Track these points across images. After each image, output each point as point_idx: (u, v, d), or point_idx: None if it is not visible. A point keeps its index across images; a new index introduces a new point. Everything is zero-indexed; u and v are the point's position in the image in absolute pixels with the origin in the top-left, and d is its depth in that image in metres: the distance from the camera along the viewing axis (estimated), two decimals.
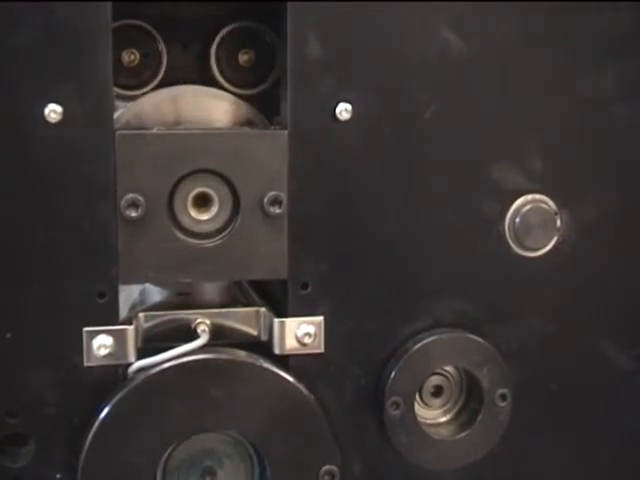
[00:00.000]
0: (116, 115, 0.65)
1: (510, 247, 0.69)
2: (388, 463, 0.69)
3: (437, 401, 0.71)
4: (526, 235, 0.68)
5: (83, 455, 0.63)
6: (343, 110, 0.64)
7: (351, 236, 0.66)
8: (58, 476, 0.64)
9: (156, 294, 0.71)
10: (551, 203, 0.69)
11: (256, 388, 0.64)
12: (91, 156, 0.61)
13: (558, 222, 0.69)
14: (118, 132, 0.61)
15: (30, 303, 0.62)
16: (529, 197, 0.68)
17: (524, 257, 0.69)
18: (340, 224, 0.66)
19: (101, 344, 0.63)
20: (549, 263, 0.69)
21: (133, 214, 0.61)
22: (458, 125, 0.66)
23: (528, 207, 0.68)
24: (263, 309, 0.67)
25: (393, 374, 0.67)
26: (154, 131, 0.64)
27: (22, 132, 0.60)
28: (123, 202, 0.61)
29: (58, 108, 0.60)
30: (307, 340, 0.66)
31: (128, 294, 0.71)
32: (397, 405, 0.67)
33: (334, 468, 0.65)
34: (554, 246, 0.69)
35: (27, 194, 0.61)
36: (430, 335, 0.68)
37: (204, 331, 0.65)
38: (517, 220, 0.68)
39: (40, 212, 0.61)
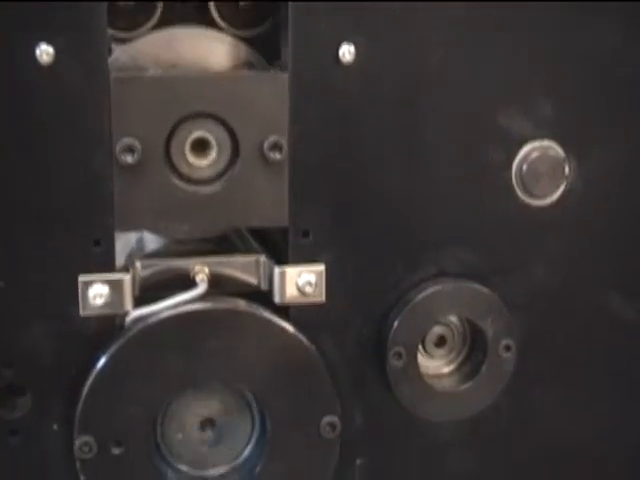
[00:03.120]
0: (111, 58, 0.63)
1: (517, 195, 0.68)
2: (390, 414, 0.69)
3: (440, 352, 0.70)
4: (534, 183, 0.67)
5: (80, 406, 0.62)
6: (346, 52, 0.62)
7: (353, 183, 0.65)
8: (55, 427, 0.64)
9: (153, 242, 0.70)
10: (559, 150, 0.67)
11: (256, 339, 0.64)
12: (85, 100, 0.60)
13: (566, 170, 0.68)
14: (113, 75, 0.60)
15: (24, 252, 0.61)
16: (537, 144, 0.67)
17: (531, 205, 0.68)
18: (342, 170, 0.65)
19: (97, 293, 0.62)
20: (556, 212, 0.68)
21: (129, 160, 0.60)
22: (465, 70, 0.65)
23: (536, 154, 0.67)
24: (263, 257, 0.66)
25: (396, 324, 0.66)
26: (150, 74, 0.63)
27: (12, 74, 0.59)
28: (118, 147, 0.60)
29: (50, 49, 0.59)
30: (308, 289, 0.65)
31: (125, 242, 0.69)
32: (399, 356, 0.67)
33: (335, 419, 0.65)
34: (561, 194, 0.68)
35: (18, 140, 0.60)
36: (434, 285, 0.67)
37: (202, 280, 0.64)
38: (524, 167, 0.67)
39: (32, 158, 0.60)
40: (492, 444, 0.72)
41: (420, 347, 0.69)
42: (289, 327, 0.64)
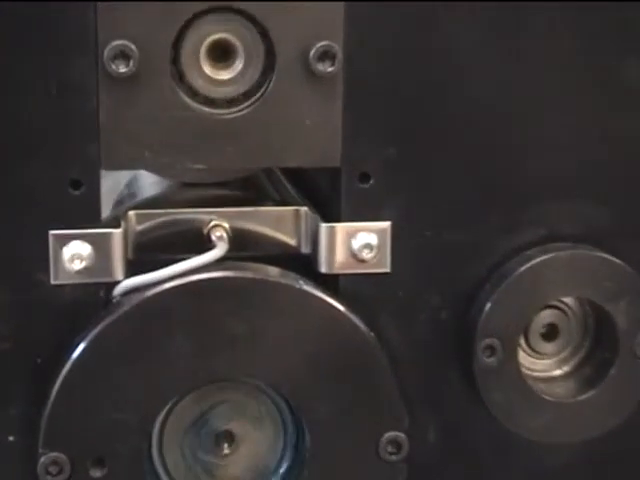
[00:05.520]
0: None
1: None
2: (477, 430, 0.62)
3: (550, 346, 0.63)
4: None
5: (48, 410, 0.55)
6: None
7: (430, 108, 0.57)
8: (11, 439, 0.57)
9: (152, 185, 0.65)
10: None
11: (293, 320, 0.57)
12: None
13: None
14: None
15: None
16: None
17: None
18: (416, 91, 0.57)
19: (75, 254, 0.55)
20: None
21: (121, 69, 0.53)
22: None
23: None
24: (305, 209, 0.60)
25: (488, 306, 0.59)
26: None
27: None
28: (107, 53, 0.53)
29: None
30: (366, 254, 0.58)
31: (113, 184, 0.66)
32: (492, 350, 0.59)
33: (401, 435, 0.58)
34: None
35: None
36: (542, 252, 0.60)
37: (221, 238, 0.58)
38: None
39: None
40: (621, 473, 0.64)
41: (522, 339, 0.62)
42: (339, 305, 0.57)
